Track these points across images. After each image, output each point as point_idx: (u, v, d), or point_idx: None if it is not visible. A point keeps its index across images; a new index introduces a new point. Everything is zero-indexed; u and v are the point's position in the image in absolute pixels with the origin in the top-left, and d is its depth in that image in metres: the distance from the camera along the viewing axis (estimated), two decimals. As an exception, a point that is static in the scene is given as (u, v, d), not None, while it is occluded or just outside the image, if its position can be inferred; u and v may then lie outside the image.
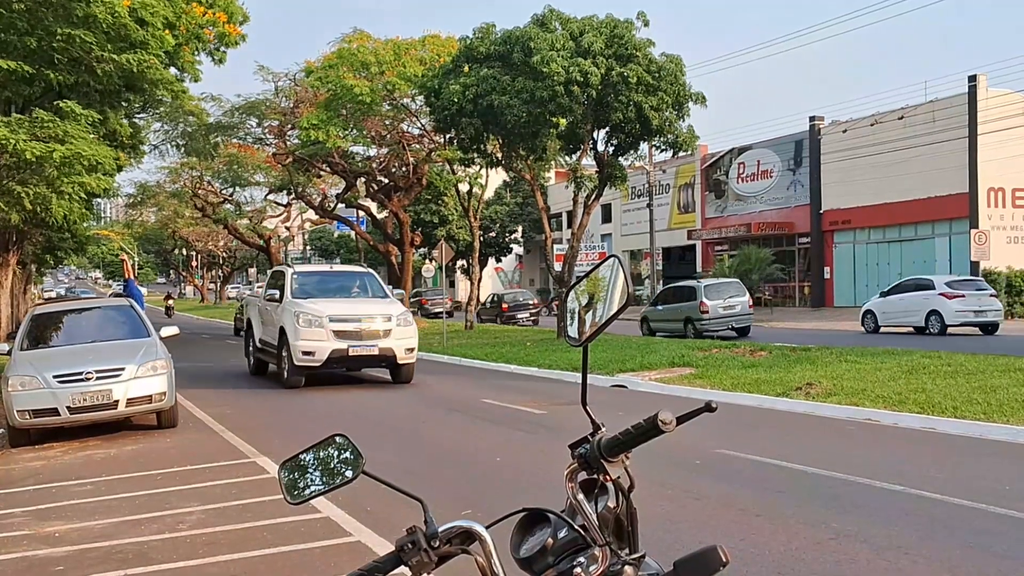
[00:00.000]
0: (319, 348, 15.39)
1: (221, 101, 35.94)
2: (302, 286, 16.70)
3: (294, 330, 15.47)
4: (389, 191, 36.87)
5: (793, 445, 9.57)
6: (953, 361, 14.87)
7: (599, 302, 1.79)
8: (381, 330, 15.68)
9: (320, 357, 15.45)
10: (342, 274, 18.82)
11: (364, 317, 15.68)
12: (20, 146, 13.39)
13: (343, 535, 6.39)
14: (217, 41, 21.57)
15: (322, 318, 15.42)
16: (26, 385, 11.09)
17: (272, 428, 11.84)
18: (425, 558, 1.59)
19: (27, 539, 6.83)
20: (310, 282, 17.10)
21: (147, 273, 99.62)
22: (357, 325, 15.56)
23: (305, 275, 17.58)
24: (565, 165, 27.64)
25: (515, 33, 22.46)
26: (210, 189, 51.33)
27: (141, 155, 28.45)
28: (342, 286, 17.41)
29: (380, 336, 15.66)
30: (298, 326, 15.42)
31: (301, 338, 15.40)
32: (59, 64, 15.09)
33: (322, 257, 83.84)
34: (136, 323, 12.84)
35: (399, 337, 15.83)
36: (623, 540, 1.60)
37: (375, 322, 15.69)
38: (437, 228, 47.71)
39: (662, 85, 21.84)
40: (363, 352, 15.56)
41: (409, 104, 31.93)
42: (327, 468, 1.78)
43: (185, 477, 8.78)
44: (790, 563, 5.45)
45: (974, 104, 32.29)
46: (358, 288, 17.45)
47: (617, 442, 1.59)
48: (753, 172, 42.71)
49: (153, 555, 6.19)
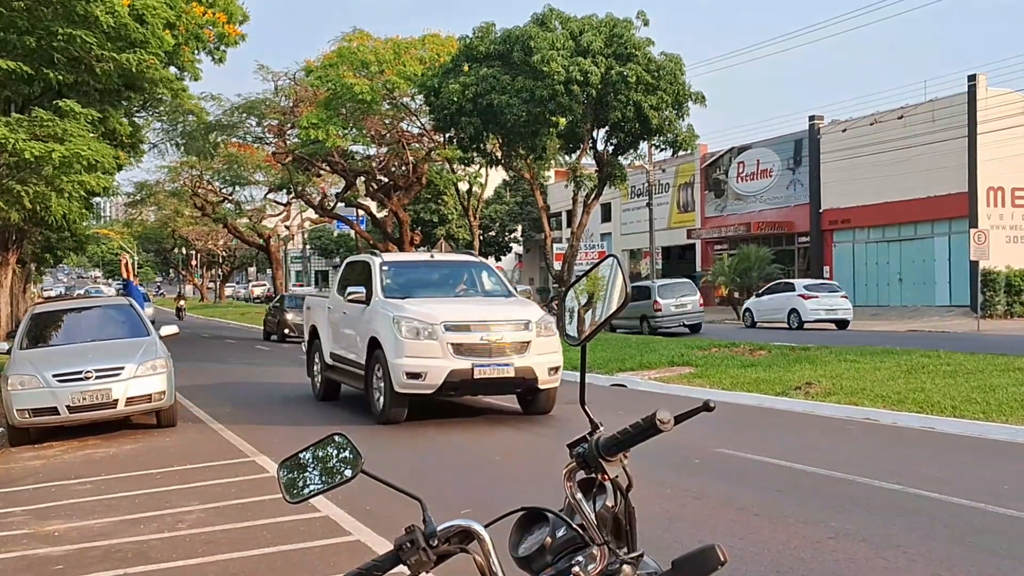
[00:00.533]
0: (432, 368, 10.96)
1: (221, 100, 35.94)
2: (397, 281, 12.57)
3: (395, 343, 11.13)
4: (389, 190, 36.86)
5: (792, 444, 9.57)
6: (952, 361, 14.87)
7: (598, 301, 1.80)
8: (516, 342, 11.22)
9: (433, 381, 10.99)
10: (449, 265, 14.18)
11: (493, 324, 11.25)
12: (20, 145, 13.38)
13: (342, 534, 6.39)
14: (217, 41, 21.57)
15: (435, 326, 11.05)
16: (26, 384, 11.10)
17: (272, 427, 11.84)
18: (424, 557, 1.59)
19: (26, 538, 6.83)
20: (407, 276, 12.96)
21: (146, 272, 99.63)
22: (484, 336, 11.08)
23: (400, 266, 13.22)
24: (565, 164, 27.66)
25: (515, 32, 22.48)
26: (210, 188, 51.31)
27: (141, 154, 28.43)
28: (449, 281, 13.33)
29: (515, 351, 11.19)
30: (401, 337, 11.06)
31: (406, 354, 11.01)
32: (59, 63, 15.08)
33: (322, 256, 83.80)
34: (136, 322, 12.85)
35: (540, 351, 11.36)
36: (621, 539, 1.61)
37: (508, 331, 11.25)
38: (437, 227, 47.71)
39: (661, 84, 21.85)
40: (494, 374, 11.06)
41: (409, 103, 31.93)
42: (326, 467, 1.78)
43: (184, 476, 8.78)
44: (789, 562, 5.45)
45: (974, 103, 32.29)
46: (468, 284, 13.32)
47: (615, 441, 1.59)
48: (753, 171, 42.71)
49: (152, 554, 6.20)
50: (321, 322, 14.24)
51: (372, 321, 11.78)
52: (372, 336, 11.63)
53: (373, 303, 11.96)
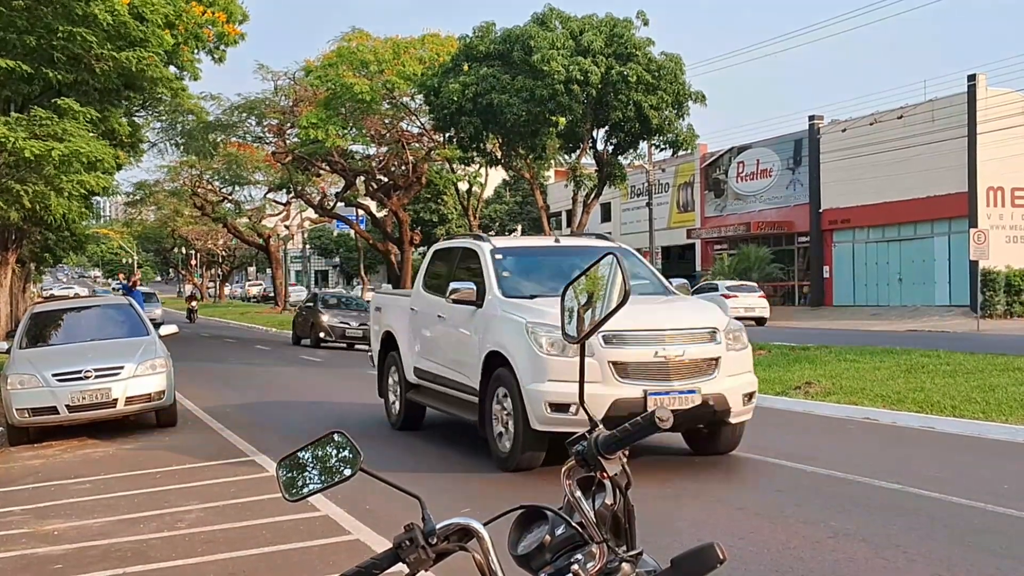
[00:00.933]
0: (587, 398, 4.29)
1: (220, 100, 35.95)
2: (517, 275, 9.42)
3: (532, 361, 8.02)
4: (388, 190, 36.86)
5: (792, 444, 9.57)
6: (952, 360, 14.86)
7: (597, 300, 1.80)
8: (702, 359, 8.12)
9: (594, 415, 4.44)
10: (580, 252, 10.10)
11: (670, 334, 8.12)
12: (19, 144, 13.38)
13: (342, 533, 6.39)
14: (216, 40, 21.55)
15: None
16: (25, 383, 11.09)
17: (271, 427, 11.83)
18: (423, 555, 1.59)
19: (26, 537, 6.83)
20: (530, 267, 9.80)
21: (146, 272, 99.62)
22: (659, 351, 7.93)
23: (519, 255, 10.00)
24: (564, 164, 27.67)
25: (515, 32, 22.48)
26: (209, 188, 51.32)
27: (140, 153, 28.44)
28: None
29: (701, 371, 8.08)
30: (541, 353, 7.96)
31: (550, 376, 7.91)
32: (58, 62, 15.08)
33: (321, 256, 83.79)
34: (135, 322, 12.84)
35: (732, 371, 8.30)
36: (620, 537, 1.61)
37: (689, 344, 8.12)
38: (436, 227, 47.73)
39: (662, 84, 21.86)
40: (674, 404, 7.72)
41: (408, 103, 31.94)
42: (325, 465, 1.77)
43: (184, 476, 8.78)
44: (788, 561, 5.45)
45: (973, 103, 32.30)
46: None
47: (614, 439, 1.59)
48: (752, 171, 42.71)
49: (152, 553, 6.19)
50: (400, 328, 10.87)
51: (491, 329, 8.63)
52: (492, 350, 8.49)
53: (489, 304, 8.78)
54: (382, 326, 11.58)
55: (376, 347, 11.81)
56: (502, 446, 8.43)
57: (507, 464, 8.33)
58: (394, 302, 11.83)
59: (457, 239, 11.40)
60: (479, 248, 9.57)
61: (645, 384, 7.83)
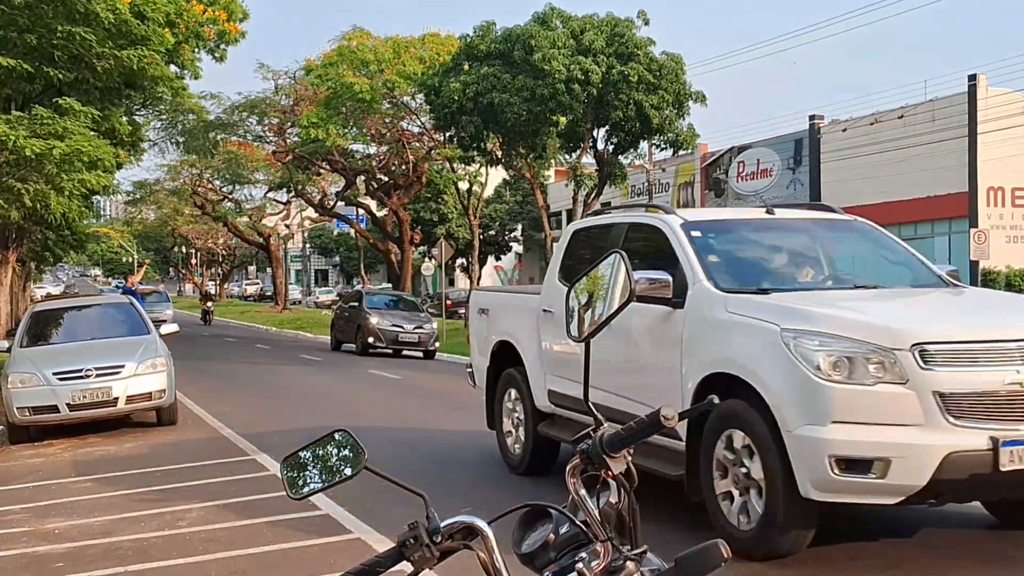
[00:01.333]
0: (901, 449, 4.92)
1: (221, 99, 35.94)
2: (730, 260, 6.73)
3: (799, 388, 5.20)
4: (389, 189, 36.86)
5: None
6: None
7: (598, 300, 1.80)
8: None
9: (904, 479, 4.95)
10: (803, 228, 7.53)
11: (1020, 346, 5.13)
12: (20, 143, 13.37)
13: (342, 532, 6.39)
14: (217, 39, 21.55)
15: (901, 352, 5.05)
16: (26, 382, 11.10)
17: (272, 425, 11.83)
18: (427, 553, 1.59)
19: (27, 536, 6.83)
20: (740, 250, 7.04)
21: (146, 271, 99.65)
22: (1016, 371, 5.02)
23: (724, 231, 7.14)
24: (565, 163, 27.65)
25: (516, 31, 22.47)
26: (210, 187, 51.30)
27: (141, 152, 28.42)
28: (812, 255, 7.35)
29: None
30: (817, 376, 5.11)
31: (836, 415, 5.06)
32: (59, 61, 15.06)
33: (321, 255, 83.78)
34: (136, 321, 12.85)
35: None
36: (625, 536, 1.61)
37: None
38: (437, 226, 47.67)
39: (662, 84, 21.85)
40: None
41: (409, 102, 31.93)
42: (329, 464, 1.78)
43: (184, 474, 8.78)
44: (789, 561, 5.44)
45: (974, 103, 32.31)
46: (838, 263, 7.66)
47: (620, 438, 1.59)
48: (753, 171, 42.72)
49: (152, 552, 6.20)
50: (525, 337, 8.06)
51: (710, 340, 5.94)
52: (716, 372, 5.76)
53: (696, 302, 6.07)
54: (493, 333, 8.64)
55: (482, 362, 8.79)
56: (738, 518, 5.51)
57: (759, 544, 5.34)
58: (512, 302, 9.01)
59: (615, 212, 8.27)
60: (663, 223, 6.67)
61: (992, 427, 4.90)
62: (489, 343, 8.70)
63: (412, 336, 22.43)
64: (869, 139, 35.45)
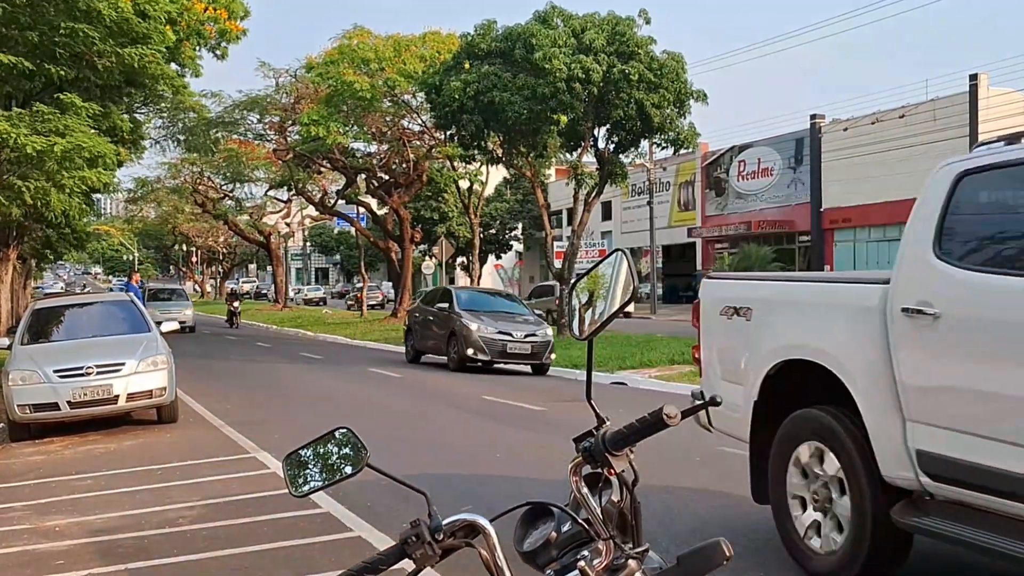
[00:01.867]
0: None
1: (222, 97, 35.93)
2: None
3: None
4: (389, 188, 36.84)
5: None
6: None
7: (599, 299, 1.80)
8: None
9: None
10: None
11: None
12: (21, 140, 13.37)
13: (343, 530, 6.39)
14: (218, 37, 21.54)
15: None
16: (26, 380, 11.10)
17: (273, 423, 11.83)
18: (429, 551, 1.59)
19: (27, 533, 6.83)
20: None
21: (147, 269, 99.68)
22: None
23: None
24: (566, 162, 27.61)
25: (516, 30, 22.46)
26: (210, 185, 51.27)
27: (141, 150, 28.41)
28: None
29: None
30: None
31: None
32: (60, 59, 15.06)
33: (322, 254, 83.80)
34: (136, 318, 12.84)
35: None
36: (627, 534, 1.61)
37: None
38: (437, 225, 47.68)
39: (663, 82, 21.84)
40: None
41: (410, 101, 31.91)
42: (331, 461, 1.78)
43: (186, 472, 8.78)
44: (790, 560, 5.44)
45: (975, 103, 32.29)
46: None
47: (622, 436, 1.59)
48: (754, 170, 42.71)
49: (153, 549, 6.20)
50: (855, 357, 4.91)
51: None
52: None
53: None
54: (770, 348, 5.47)
55: (743, 394, 5.63)
56: None
57: None
58: (817, 295, 5.61)
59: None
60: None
61: None
62: (759, 364, 5.49)
63: (523, 347, 17.75)
64: (870, 138, 35.44)
